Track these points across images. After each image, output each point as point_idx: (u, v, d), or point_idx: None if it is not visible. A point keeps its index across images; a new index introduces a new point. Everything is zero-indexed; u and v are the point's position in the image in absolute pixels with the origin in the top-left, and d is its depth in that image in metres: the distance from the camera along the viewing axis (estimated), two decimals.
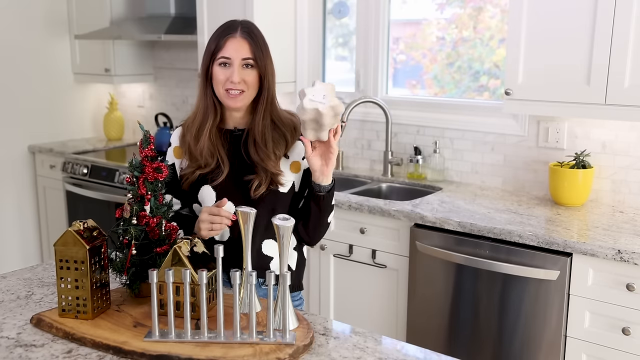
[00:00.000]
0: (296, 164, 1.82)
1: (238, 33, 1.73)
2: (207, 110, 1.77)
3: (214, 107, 1.77)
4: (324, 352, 1.38)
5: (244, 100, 1.74)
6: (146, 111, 4.39)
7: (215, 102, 1.77)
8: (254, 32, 1.75)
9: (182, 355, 1.32)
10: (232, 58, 1.71)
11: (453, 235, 2.43)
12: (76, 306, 1.48)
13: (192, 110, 1.83)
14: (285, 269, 1.43)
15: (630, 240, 2.16)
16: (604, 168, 2.66)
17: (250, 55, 1.72)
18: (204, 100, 1.78)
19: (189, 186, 1.80)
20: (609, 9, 2.26)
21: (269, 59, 1.76)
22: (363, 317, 2.78)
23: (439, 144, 3.08)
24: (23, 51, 4.05)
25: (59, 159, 4.02)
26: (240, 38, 1.72)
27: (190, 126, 1.79)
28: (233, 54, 1.71)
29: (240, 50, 1.71)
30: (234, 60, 1.71)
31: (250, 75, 1.73)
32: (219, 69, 1.73)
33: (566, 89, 2.40)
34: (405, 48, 3.36)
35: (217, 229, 1.68)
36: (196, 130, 1.77)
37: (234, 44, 1.71)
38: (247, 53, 1.72)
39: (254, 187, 1.75)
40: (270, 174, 1.75)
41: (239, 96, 1.73)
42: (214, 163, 1.76)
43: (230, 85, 1.71)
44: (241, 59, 1.71)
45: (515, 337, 2.34)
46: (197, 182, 1.79)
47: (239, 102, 1.74)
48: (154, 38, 3.61)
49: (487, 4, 3.04)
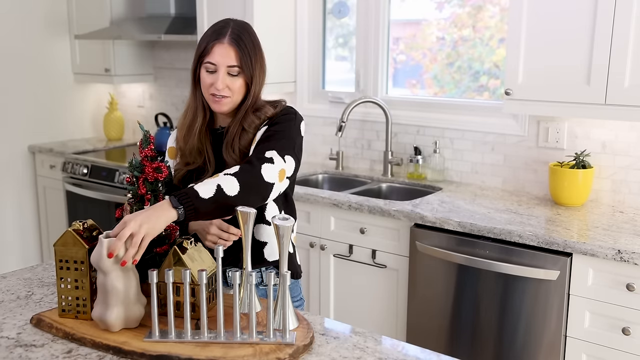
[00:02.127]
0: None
1: (226, 39, 1.70)
2: (197, 111, 1.79)
3: (202, 107, 1.79)
4: (324, 352, 1.38)
5: (229, 105, 1.74)
6: (146, 111, 4.39)
7: (204, 103, 1.78)
8: (242, 37, 1.72)
9: (182, 355, 1.32)
10: (217, 64, 1.70)
11: (453, 235, 2.43)
12: (76, 306, 1.48)
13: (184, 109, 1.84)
14: (285, 269, 1.43)
15: (630, 240, 2.16)
16: (604, 168, 2.66)
17: (236, 62, 1.70)
18: (193, 101, 1.80)
19: (179, 182, 1.81)
20: (609, 9, 2.26)
21: (257, 63, 1.73)
22: (363, 317, 2.78)
23: (439, 144, 3.08)
24: (23, 51, 4.05)
25: (59, 159, 4.02)
26: (227, 44, 1.70)
27: (182, 125, 1.81)
28: (219, 60, 1.70)
29: (226, 57, 1.69)
30: (219, 66, 1.70)
31: (235, 83, 1.71)
32: (205, 73, 1.73)
33: (566, 89, 2.40)
34: (405, 48, 3.36)
35: (222, 244, 1.69)
36: (186, 129, 1.79)
37: (220, 49, 1.69)
38: (233, 60, 1.70)
39: None
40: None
41: (223, 100, 1.72)
42: (201, 161, 1.78)
43: (215, 91, 1.71)
44: (227, 66, 1.70)
45: (515, 337, 2.34)
46: (184, 181, 1.81)
47: (223, 107, 1.74)
48: (154, 38, 3.61)
49: (487, 3, 3.04)
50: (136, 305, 1.43)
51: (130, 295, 1.42)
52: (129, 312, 1.42)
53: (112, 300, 1.40)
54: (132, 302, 1.42)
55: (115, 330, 1.41)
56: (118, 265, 1.39)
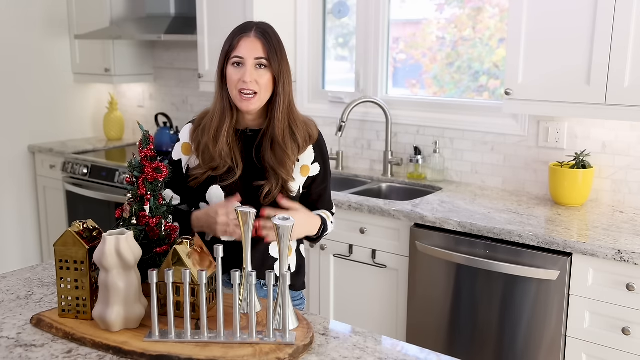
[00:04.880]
0: (305, 167, 1.82)
1: (252, 33, 1.71)
2: (224, 112, 1.75)
3: (230, 108, 1.76)
4: (324, 352, 1.37)
5: (257, 102, 1.72)
6: (146, 111, 4.39)
7: (231, 104, 1.75)
8: (268, 32, 1.73)
9: (182, 355, 1.32)
10: (245, 57, 1.69)
11: (453, 235, 2.43)
12: (76, 306, 1.48)
13: (207, 109, 1.81)
14: (285, 269, 1.43)
15: (630, 240, 2.16)
16: (604, 168, 2.66)
17: (264, 55, 1.70)
18: (220, 102, 1.76)
19: (197, 185, 1.79)
20: (609, 9, 2.26)
21: (284, 60, 1.74)
22: (363, 317, 2.78)
23: (439, 144, 3.08)
24: (23, 51, 4.05)
25: (59, 159, 4.02)
26: (254, 38, 1.70)
27: (208, 127, 1.76)
28: (246, 53, 1.69)
29: (253, 49, 1.69)
30: (246, 59, 1.69)
31: (263, 77, 1.70)
32: (232, 69, 1.71)
33: (566, 89, 2.40)
34: (405, 47, 3.36)
35: (230, 232, 1.69)
36: (214, 132, 1.74)
37: (247, 43, 1.70)
38: (260, 53, 1.70)
39: (264, 194, 1.74)
40: (282, 181, 1.74)
41: (252, 99, 1.71)
42: (228, 164, 1.75)
43: (243, 86, 1.69)
44: (254, 58, 1.69)
45: (515, 337, 2.34)
46: (205, 181, 1.78)
47: (252, 105, 1.71)
48: (154, 38, 3.61)
49: (486, 4, 3.04)
50: (137, 305, 1.43)
51: (131, 294, 1.42)
52: (130, 311, 1.42)
53: (112, 298, 1.40)
54: (133, 301, 1.42)
55: (116, 329, 1.41)
56: (120, 263, 1.39)
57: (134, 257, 1.42)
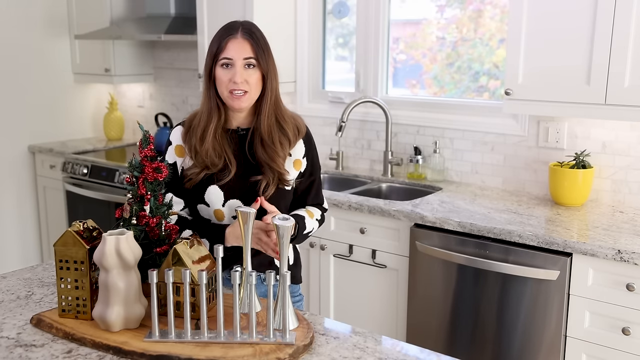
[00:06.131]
0: (298, 161, 1.86)
1: (239, 33, 1.74)
2: (211, 112, 1.78)
3: (217, 108, 1.78)
4: (324, 352, 1.38)
5: (248, 101, 1.76)
6: (146, 111, 4.39)
7: (219, 103, 1.78)
8: (255, 32, 1.76)
9: (182, 355, 1.32)
10: (233, 58, 1.72)
11: (453, 235, 2.43)
12: (76, 306, 1.48)
13: (195, 111, 1.83)
14: (285, 269, 1.43)
15: (630, 240, 2.16)
16: (604, 168, 2.66)
17: (252, 54, 1.73)
18: (207, 102, 1.78)
19: (193, 186, 1.80)
20: (609, 9, 2.26)
21: (271, 59, 1.77)
22: (363, 317, 2.78)
23: (439, 144, 3.08)
24: (23, 51, 4.05)
25: (59, 159, 4.02)
26: (241, 38, 1.73)
27: (195, 128, 1.79)
28: (234, 54, 1.72)
29: (241, 50, 1.72)
30: (235, 60, 1.72)
31: (252, 76, 1.74)
32: (222, 70, 1.74)
33: (566, 89, 2.40)
34: (405, 47, 3.36)
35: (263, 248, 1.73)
36: (201, 132, 1.77)
37: (235, 44, 1.72)
38: (249, 53, 1.73)
39: (262, 188, 1.77)
40: (278, 174, 1.77)
41: (243, 97, 1.74)
42: (221, 163, 1.77)
43: (234, 86, 1.72)
44: (243, 58, 1.72)
45: (515, 337, 2.34)
46: (202, 183, 1.79)
47: (243, 103, 1.75)
48: (154, 38, 3.61)
49: (487, 5, 3.04)
50: (137, 305, 1.43)
51: (131, 294, 1.42)
52: (130, 311, 1.42)
53: (112, 298, 1.40)
54: (133, 301, 1.42)
55: (116, 329, 1.41)
56: (120, 263, 1.39)
57: (134, 257, 1.42)
